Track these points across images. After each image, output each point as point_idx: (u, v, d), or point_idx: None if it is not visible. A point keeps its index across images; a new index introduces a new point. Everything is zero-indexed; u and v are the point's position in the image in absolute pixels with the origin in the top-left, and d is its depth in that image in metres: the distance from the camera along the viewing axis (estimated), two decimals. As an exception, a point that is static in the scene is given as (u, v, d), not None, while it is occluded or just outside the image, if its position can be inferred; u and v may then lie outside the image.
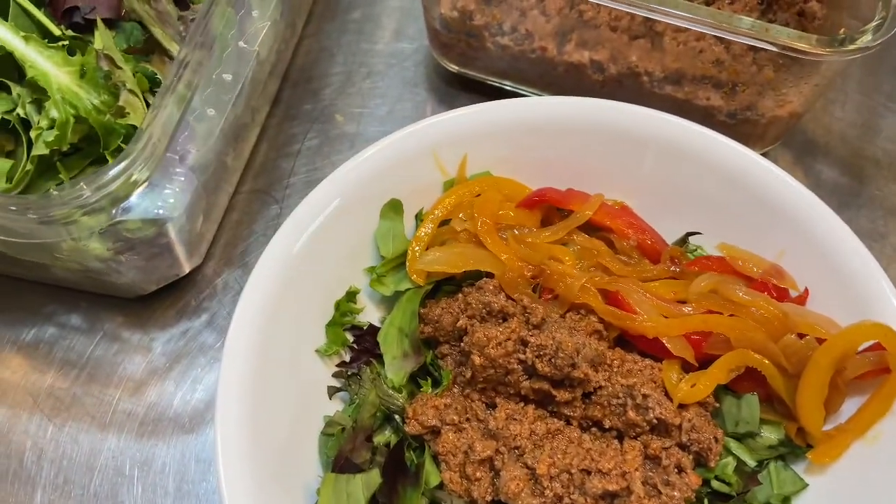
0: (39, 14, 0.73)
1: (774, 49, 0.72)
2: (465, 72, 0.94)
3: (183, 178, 0.56)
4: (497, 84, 0.93)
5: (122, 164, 0.54)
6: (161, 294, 0.80)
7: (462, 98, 0.97)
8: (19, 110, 0.72)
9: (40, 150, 0.69)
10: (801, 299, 0.68)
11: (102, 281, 0.73)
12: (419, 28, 1.02)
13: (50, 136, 0.68)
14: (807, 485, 0.63)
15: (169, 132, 0.56)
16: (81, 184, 0.53)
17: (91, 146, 0.72)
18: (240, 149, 0.85)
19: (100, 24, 0.69)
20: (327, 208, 0.69)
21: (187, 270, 0.78)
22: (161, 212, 0.55)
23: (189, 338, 0.79)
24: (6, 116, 0.73)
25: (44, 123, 0.70)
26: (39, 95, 0.72)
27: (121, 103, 0.67)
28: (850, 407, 0.63)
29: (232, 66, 0.61)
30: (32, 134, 0.71)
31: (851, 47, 0.69)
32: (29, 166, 0.71)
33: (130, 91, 0.67)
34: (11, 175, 0.72)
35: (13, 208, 0.54)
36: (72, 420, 0.74)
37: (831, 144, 0.93)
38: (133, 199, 0.55)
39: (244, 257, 0.85)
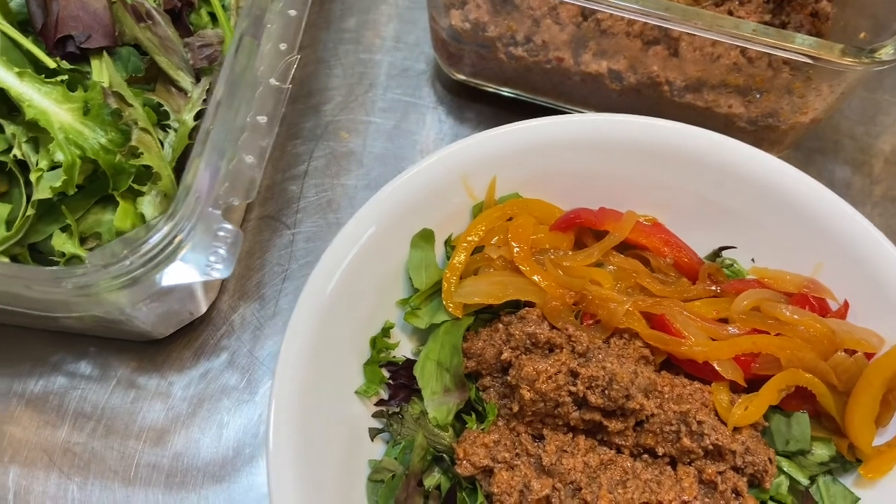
0: (30, 44, 0.68)
1: (802, 59, 0.71)
2: (474, 81, 0.91)
3: (228, 234, 0.52)
4: (507, 94, 0.90)
5: (166, 229, 0.50)
6: (174, 334, 0.76)
7: (470, 109, 0.94)
8: (16, 151, 0.66)
9: (43, 193, 0.64)
10: (842, 312, 0.68)
11: (116, 329, 0.69)
12: (419, 35, 0.98)
13: (55, 179, 0.63)
14: (858, 499, 0.64)
15: (209, 185, 0.52)
16: (125, 250, 0.48)
17: (94, 185, 0.67)
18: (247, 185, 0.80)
19: (106, 58, 0.64)
20: (356, 246, 0.66)
21: (204, 310, 0.74)
22: (214, 274, 0.51)
23: (210, 379, 0.75)
24: (1, 158, 0.67)
25: (44, 164, 0.65)
26: (36, 133, 0.67)
27: (133, 143, 0.62)
28: (899, 421, 0.64)
29: (266, 107, 0.57)
30: (32, 177, 0.65)
31: (881, 58, 0.69)
32: (30, 211, 0.66)
33: (143, 129, 0.62)
34: (11, 220, 0.67)
35: (47, 279, 0.49)
36: (93, 477, 0.70)
37: (841, 143, 0.93)
38: (177, 262, 0.51)
39: (259, 290, 0.81)
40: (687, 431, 0.63)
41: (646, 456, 0.66)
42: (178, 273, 0.51)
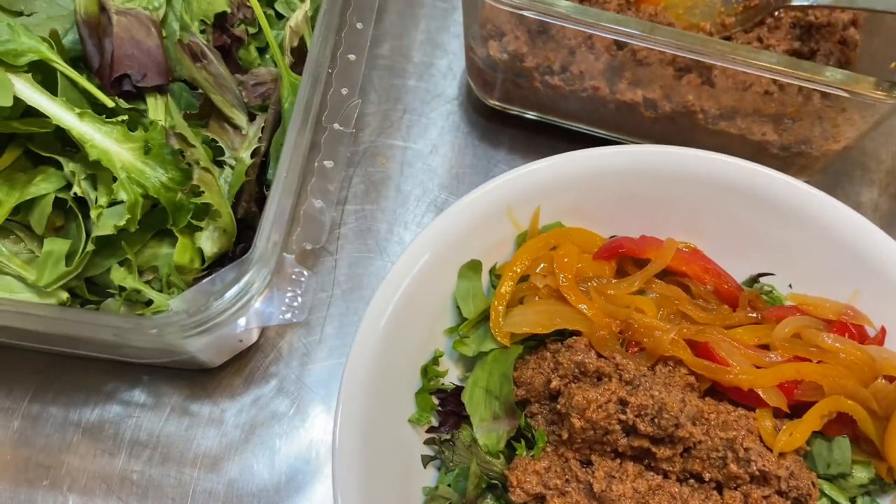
0: (88, 84, 0.69)
1: (836, 92, 0.73)
2: (508, 108, 0.92)
3: (303, 279, 0.54)
4: (542, 119, 0.92)
5: (247, 277, 0.51)
6: (225, 362, 0.78)
7: (504, 133, 0.96)
8: (76, 189, 0.68)
9: (104, 230, 0.66)
10: (880, 339, 0.70)
11: (172, 359, 0.71)
12: (451, 60, 1.00)
13: (117, 217, 0.65)
14: (898, 520, 0.66)
15: (283, 232, 0.54)
16: (210, 299, 0.50)
17: (153, 218, 0.69)
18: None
19: (169, 101, 0.66)
20: (408, 277, 0.68)
21: (256, 338, 0.76)
22: (290, 319, 0.53)
23: (260, 406, 0.77)
24: (61, 195, 0.69)
25: (103, 201, 0.67)
26: (94, 170, 0.69)
27: (194, 181, 0.64)
28: (939, 445, 0.66)
29: (331, 152, 0.59)
30: (93, 213, 0.67)
31: (918, 90, 0.71)
32: (90, 247, 0.68)
33: (204, 168, 0.64)
34: (70, 255, 0.69)
35: (133, 328, 0.51)
36: (151, 504, 0.72)
37: (867, 165, 0.95)
38: (255, 307, 0.53)
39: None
40: (734, 458, 0.65)
41: (692, 481, 0.68)
42: (255, 319, 0.53)
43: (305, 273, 0.54)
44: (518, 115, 0.93)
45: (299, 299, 0.53)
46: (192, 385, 0.77)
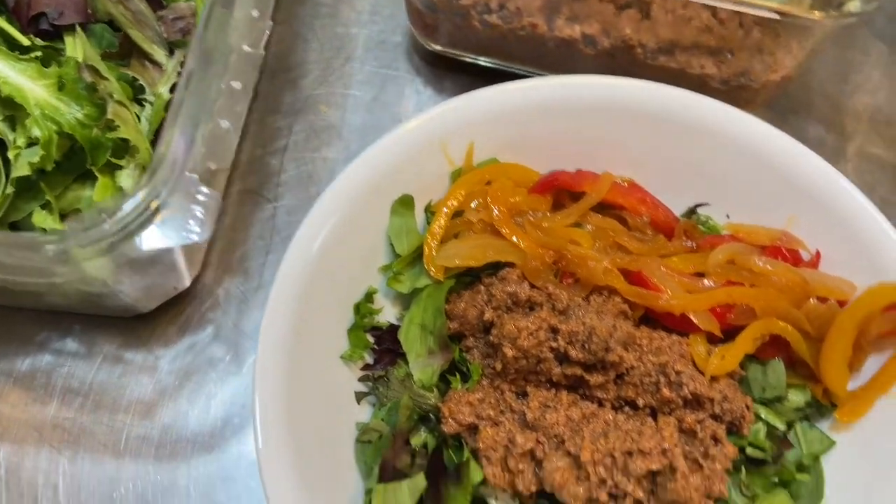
0: (2, 22, 0.67)
1: (771, 16, 0.72)
2: (450, 51, 0.91)
3: (206, 198, 0.53)
4: (484, 63, 0.91)
5: (142, 194, 0.50)
6: (159, 309, 0.77)
7: (448, 79, 0.94)
8: (-8, 129, 0.66)
9: (22, 171, 0.65)
10: (814, 262, 0.70)
11: (100, 304, 0.69)
12: (394, 7, 0.98)
13: (33, 155, 0.63)
14: (834, 442, 0.65)
15: (184, 151, 0.53)
16: (102, 215, 0.49)
17: (73, 161, 0.67)
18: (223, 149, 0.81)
19: (79, 32, 0.64)
20: (338, 212, 0.67)
21: (188, 283, 0.75)
22: (192, 237, 0.52)
23: (196, 352, 0.76)
24: (-23, 137, 0.67)
25: (21, 142, 0.65)
26: (12, 112, 0.67)
27: (109, 116, 0.62)
28: (872, 365, 0.65)
29: (240, 73, 0.58)
30: (10, 154, 0.65)
31: (849, 11, 0.70)
32: (9, 189, 0.66)
33: (118, 102, 0.62)
34: (-10, 199, 0.67)
35: (26, 245, 0.50)
36: (83, 451, 0.70)
37: (812, 101, 0.94)
38: (155, 226, 0.51)
39: (243, 262, 0.81)
40: (666, 382, 0.64)
41: (627, 408, 0.67)
42: (156, 237, 0.51)
43: (208, 192, 0.53)
44: (462, 60, 0.92)
45: (201, 217, 0.52)
46: (125, 333, 0.76)
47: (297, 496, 0.56)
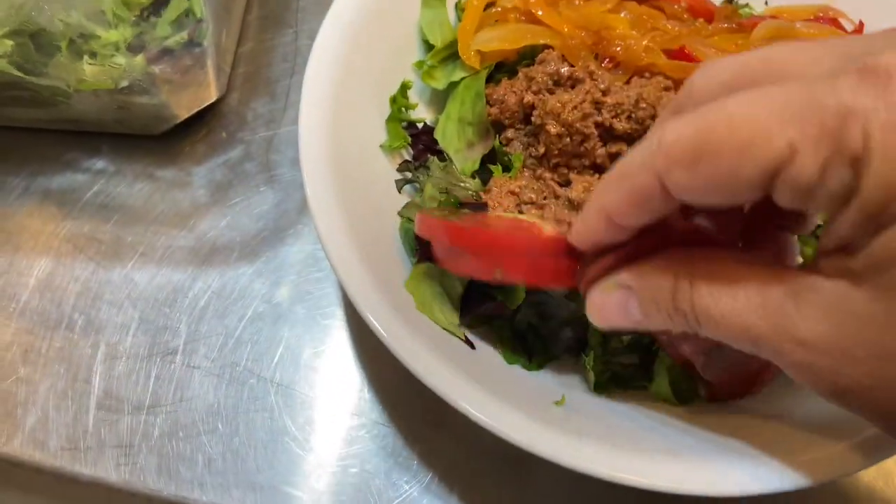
0: None
1: None
2: None
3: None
4: None
5: None
6: (188, 130, 0.75)
7: None
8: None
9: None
10: (858, 31, 0.68)
11: (132, 106, 0.68)
12: None
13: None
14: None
15: None
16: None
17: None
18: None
19: None
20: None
21: (216, 96, 0.73)
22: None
23: (228, 168, 0.74)
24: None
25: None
26: None
27: None
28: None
29: None
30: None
31: None
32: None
33: None
34: None
35: None
36: (121, 261, 0.69)
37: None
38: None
39: (269, 85, 0.79)
40: (714, 151, 0.63)
41: (673, 188, 0.66)
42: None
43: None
44: None
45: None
46: (154, 153, 0.74)
47: (359, 259, 0.55)
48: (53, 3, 0.62)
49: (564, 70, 0.64)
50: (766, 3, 0.73)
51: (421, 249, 0.61)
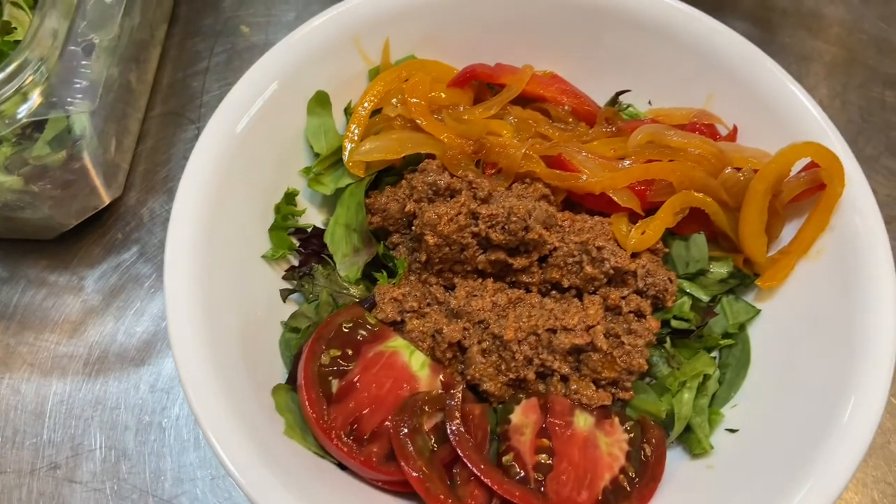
0: None
1: None
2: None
3: (91, 71, 0.51)
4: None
5: (17, 62, 0.48)
6: (83, 232, 0.75)
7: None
8: None
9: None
10: (732, 137, 0.70)
11: (17, 219, 0.68)
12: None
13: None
14: (759, 311, 0.66)
15: (65, 22, 0.51)
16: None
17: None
18: (142, 69, 0.79)
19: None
20: (250, 109, 0.65)
21: (107, 201, 0.74)
22: (76, 105, 0.50)
23: (121, 272, 0.75)
24: None
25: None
26: None
27: (6, 18, 0.60)
28: (790, 231, 0.66)
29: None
30: None
31: None
32: None
33: (13, 4, 0.60)
34: None
35: None
36: (9, 371, 0.69)
37: None
38: (37, 96, 0.50)
39: (167, 183, 0.80)
40: (588, 259, 0.64)
41: (554, 293, 0.67)
42: (40, 107, 0.50)
43: (89, 62, 0.51)
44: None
45: (85, 86, 0.50)
46: (48, 257, 0.75)
47: (216, 387, 0.55)
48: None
49: (442, 181, 0.65)
50: (650, 103, 0.75)
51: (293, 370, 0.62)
